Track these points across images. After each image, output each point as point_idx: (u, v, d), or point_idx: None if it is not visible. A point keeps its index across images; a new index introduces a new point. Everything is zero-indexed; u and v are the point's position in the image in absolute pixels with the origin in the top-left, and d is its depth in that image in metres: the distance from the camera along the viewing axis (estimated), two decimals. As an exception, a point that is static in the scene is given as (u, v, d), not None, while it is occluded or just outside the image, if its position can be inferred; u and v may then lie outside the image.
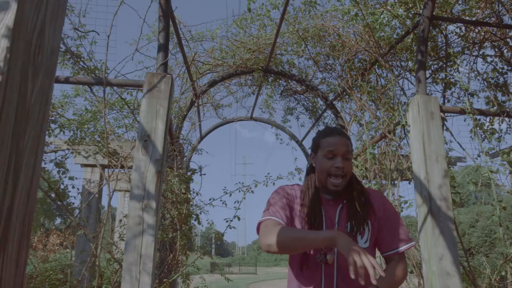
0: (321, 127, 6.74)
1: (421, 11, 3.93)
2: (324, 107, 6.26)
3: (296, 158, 6.55)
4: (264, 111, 7.25)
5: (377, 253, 2.05)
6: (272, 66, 5.83)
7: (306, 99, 6.63)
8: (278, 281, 27.40)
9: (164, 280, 3.86)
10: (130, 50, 4.48)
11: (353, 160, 3.34)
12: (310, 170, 2.05)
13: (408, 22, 4.35)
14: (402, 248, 1.90)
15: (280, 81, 6.43)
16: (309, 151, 7.64)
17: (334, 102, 5.84)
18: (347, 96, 5.28)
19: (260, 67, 5.60)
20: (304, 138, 7.64)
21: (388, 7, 4.18)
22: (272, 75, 6.07)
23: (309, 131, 7.22)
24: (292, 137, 7.79)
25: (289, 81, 6.27)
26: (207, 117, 6.89)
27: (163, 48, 3.47)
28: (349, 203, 1.93)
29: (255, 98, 6.85)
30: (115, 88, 4.14)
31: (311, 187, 1.98)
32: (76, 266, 4.19)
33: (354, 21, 4.28)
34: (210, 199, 4.55)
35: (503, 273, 3.84)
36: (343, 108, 5.76)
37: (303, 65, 6.13)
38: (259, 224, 1.89)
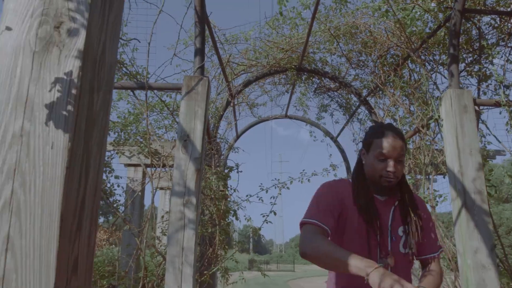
0: (355, 123, 6.79)
1: (452, 4, 3.93)
2: (357, 104, 6.30)
3: (331, 155, 6.64)
4: (298, 108, 7.36)
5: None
6: (305, 64, 5.92)
7: (340, 96, 6.69)
8: (316, 279, 27.37)
9: (205, 272, 4.06)
10: (168, 54, 4.68)
11: None
12: (360, 166, 2.00)
13: (440, 15, 4.36)
14: (439, 252, 1.95)
15: (314, 79, 6.52)
16: (344, 148, 7.68)
17: (367, 98, 5.88)
18: (380, 92, 5.31)
19: (293, 66, 5.71)
20: (338, 134, 7.70)
21: (419, 2, 4.20)
22: (305, 73, 6.17)
23: (343, 128, 7.27)
24: (327, 133, 7.85)
25: (322, 78, 6.35)
26: (243, 116, 7.05)
27: (200, 52, 3.65)
28: (401, 205, 1.91)
29: (289, 96, 6.97)
30: (155, 91, 4.36)
31: (363, 183, 1.91)
32: (123, 259, 4.44)
33: (385, 17, 4.32)
34: (247, 196, 4.72)
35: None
36: (377, 104, 5.79)
37: (336, 63, 6.20)
38: (301, 224, 1.81)
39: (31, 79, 0.91)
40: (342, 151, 7.83)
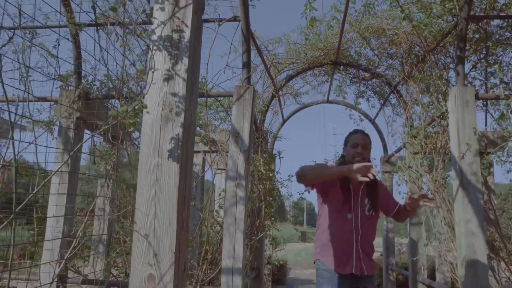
0: (389, 107, 7.51)
1: (459, 11, 4.58)
2: (389, 91, 7.02)
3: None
4: (338, 95, 8.13)
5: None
6: (341, 58, 6.70)
7: (374, 84, 7.40)
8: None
9: (253, 238, 5.13)
10: (220, 61, 5.66)
11: (412, 138, 4.58)
12: (342, 158, 3.16)
13: (451, 18, 5.00)
14: (400, 204, 3.04)
15: (350, 69, 7.27)
16: (381, 129, 8.41)
17: (397, 87, 6.60)
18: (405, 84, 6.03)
19: (330, 61, 6.53)
20: (375, 117, 8.41)
21: (434, 10, 4.88)
22: (341, 66, 6.95)
23: (379, 111, 7.99)
24: (365, 116, 8.59)
25: (358, 70, 7.10)
26: (287, 104, 7.94)
27: (246, 66, 4.60)
28: (367, 186, 3.03)
29: (329, 85, 7.77)
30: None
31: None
32: (190, 228, 5.58)
33: (402, 23, 5.03)
34: (288, 176, 5.70)
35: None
36: (407, 92, 6.50)
37: (371, 54, 6.92)
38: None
39: (160, 137, 1.92)
40: (379, 132, 8.55)
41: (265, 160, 5.59)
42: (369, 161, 3.04)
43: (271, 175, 5.62)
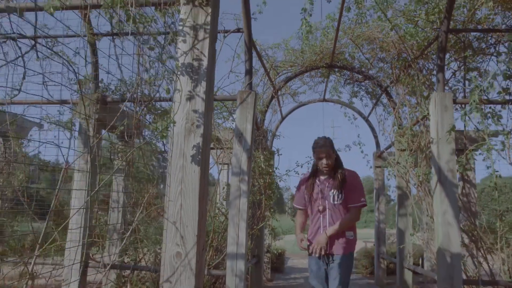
0: (381, 107, 8.03)
1: (440, 25, 5.09)
2: (380, 92, 7.54)
3: (358, 135, 8.01)
4: (333, 95, 8.64)
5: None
6: (336, 61, 7.21)
7: (367, 85, 7.92)
8: (359, 242, 28.62)
9: (254, 227, 5.68)
10: (224, 67, 6.18)
11: (400, 137, 5.17)
12: (315, 166, 3.85)
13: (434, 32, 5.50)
14: (353, 205, 3.63)
15: (344, 71, 7.78)
16: (374, 126, 8.93)
17: (388, 89, 7.12)
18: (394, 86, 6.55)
19: (325, 64, 7.04)
20: (369, 115, 8.93)
21: (419, 21, 5.38)
22: (336, 69, 7.46)
23: (372, 110, 8.51)
24: (359, 113, 9.11)
25: (351, 72, 7.61)
26: (286, 103, 8.46)
27: (248, 73, 5.11)
28: (333, 179, 3.66)
29: (325, 85, 8.29)
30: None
31: (315, 172, 3.83)
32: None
33: (390, 33, 5.54)
34: (286, 171, 6.25)
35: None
36: (397, 93, 7.02)
37: (363, 57, 7.42)
38: (294, 208, 3.87)
39: (184, 145, 2.44)
40: (372, 129, 9.07)
41: (265, 157, 6.13)
42: (334, 163, 3.70)
43: (270, 170, 6.17)
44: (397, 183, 6.86)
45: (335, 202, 3.63)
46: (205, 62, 2.55)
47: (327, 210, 3.64)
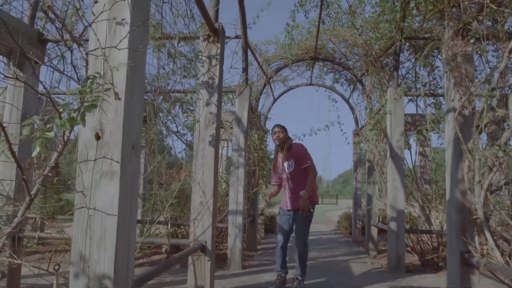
0: (357, 93, 9.43)
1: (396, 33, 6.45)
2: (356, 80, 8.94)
3: (338, 116, 9.39)
4: (318, 80, 10.02)
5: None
6: (319, 54, 8.57)
7: (346, 74, 9.31)
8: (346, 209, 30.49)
9: (250, 191, 7.20)
10: (226, 60, 7.52)
11: (370, 119, 6.67)
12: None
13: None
14: (304, 167, 4.93)
15: (326, 62, 9.15)
16: (354, 108, 10.31)
17: (361, 79, 8.51)
18: (365, 78, 7.95)
19: (310, 57, 8.41)
20: (349, 97, 10.33)
21: (381, 30, 6.74)
22: (319, 61, 8.83)
23: (351, 94, 9.92)
24: (341, 96, 10.50)
25: (332, 63, 8.98)
26: (277, 88, 9.85)
27: (245, 70, 6.49)
28: (287, 152, 4.98)
29: (311, 72, 9.67)
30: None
31: (277, 148, 5.14)
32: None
33: (358, 37, 6.91)
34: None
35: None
36: (370, 82, 8.42)
37: (343, 51, 8.78)
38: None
39: (204, 134, 3.88)
40: (352, 110, 10.49)
41: (259, 135, 7.59)
42: (289, 144, 5.02)
43: (263, 146, 7.64)
44: (367, 157, 8.34)
45: (289, 170, 4.96)
46: (217, 80, 3.96)
47: (288, 177, 4.99)
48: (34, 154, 1.32)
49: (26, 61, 3.96)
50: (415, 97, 7.12)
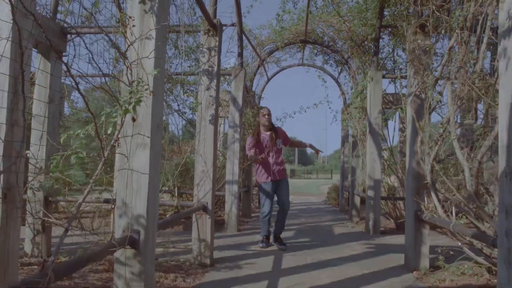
0: (345, 73, 10.16)
1: (375, 22, 7.14)
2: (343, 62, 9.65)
3: (327, 94, 10.16)
4: (310, 61, 10.72)
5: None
6: (309, 37, 9.24)
7: (335, 56, 10.00)
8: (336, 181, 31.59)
9: (244, 163, 8.00)
10: (223, 45, 8.19)
11: (354, 98, 7.42)
12: (258, 122, 5.94)
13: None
14: (289, 143, 5.91)
15: (316, 45, 9.83)
16: (342, 86, 11.03)
17: (348, 60, 9.22)
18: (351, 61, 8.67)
19: (300, 40, 9.09)
20: (338, 77, 11.05)
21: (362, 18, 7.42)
22: (309, 43, 9.51)
23: (339, 74, 10.64)
24: (331, 75, 11.21)
25: (321, 46, 9.66)
26: (270, 68, 10.55)
27: (240, 55, 7.18)
28: (271, 134, 5.76)
29: (302, 53, 10.36)
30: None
31: (258, 129, 5.85)
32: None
33: (341, 26, 7.61)
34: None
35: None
36: (357, 64, 9.13)
37: (331, 34, 9.46)
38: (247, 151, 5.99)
39: (205, 114, 4.64)
40: (341, 88, 11.22)
41: (253, 113, 8.35)
42: (274, 127, 5.83)
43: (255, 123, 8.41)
44: (352, 132, 9.13)
45: (280, 147, 5.77)
46: (215, 68, 4.69)
47: (274, 152, 5.73)
48: (109, 131, 2.08)
49: (51, 52, 4.66)
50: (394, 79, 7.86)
